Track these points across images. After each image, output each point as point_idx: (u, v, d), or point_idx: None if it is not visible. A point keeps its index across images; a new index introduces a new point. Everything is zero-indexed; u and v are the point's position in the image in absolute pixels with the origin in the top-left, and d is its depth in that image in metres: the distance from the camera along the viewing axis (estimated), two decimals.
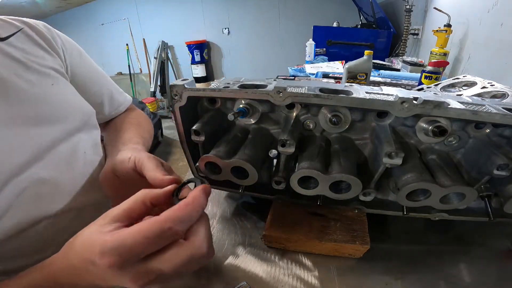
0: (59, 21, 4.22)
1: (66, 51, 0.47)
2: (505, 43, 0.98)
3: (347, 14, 3.26)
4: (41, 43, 0.43)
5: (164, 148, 3.16)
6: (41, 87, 0.39)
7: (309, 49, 1.98)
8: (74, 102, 0.45)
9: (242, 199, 0.56)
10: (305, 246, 0.42)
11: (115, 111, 0.57)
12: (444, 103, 0.33)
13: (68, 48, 0.48)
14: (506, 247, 0.44)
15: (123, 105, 0.59)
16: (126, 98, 0.61)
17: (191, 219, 0.25)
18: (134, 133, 0.50)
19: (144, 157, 0.35)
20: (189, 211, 0.24)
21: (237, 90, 0.40)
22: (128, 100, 0.61)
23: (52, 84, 0.41)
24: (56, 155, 0.40)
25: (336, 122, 0.40)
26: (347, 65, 1.07)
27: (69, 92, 0.45)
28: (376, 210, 0.45)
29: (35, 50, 0.41)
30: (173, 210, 0.24)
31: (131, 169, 0.35)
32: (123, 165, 0.36)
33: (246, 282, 0.37)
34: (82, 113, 0.46)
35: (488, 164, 0.34)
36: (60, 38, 0.47)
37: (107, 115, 0.56)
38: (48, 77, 0.41)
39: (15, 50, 0.39)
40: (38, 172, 0.37)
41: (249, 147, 0.41)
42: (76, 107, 0.45)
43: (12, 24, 0.41)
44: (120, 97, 0.59)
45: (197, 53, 4.04)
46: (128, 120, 0.56)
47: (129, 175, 0.36)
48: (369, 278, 0.39)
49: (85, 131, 0.46)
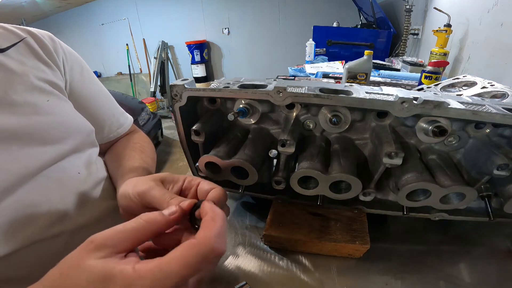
0: (59, 21, 4.23)
1: (67, 64, 0.44)
2: (505, 43, 0.98)
3: (347, 14, 3.26)
4: (41, 55, 0.40)
5: (164, 148, 3.16)
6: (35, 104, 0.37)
7: (309, 49, 1.98)
8: (70, 122, 0.42)
9: (242, 199, 0.56)
10: (305, 246, 0.42)
11: (114, 134, 0.54)
12: (444, 103, 0.33)
13: (70, 61, 0.45)
14: (506, 247, 0.44)
15: (123, 127, 0.55)
16: (127, 119, 0.57)
17: (225, 229, 0.24)
18: (135, 159, 0.47)
19: (144, 191, 0.31)
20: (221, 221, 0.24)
21: (237, 90, 0.40)
22: (129, 122, 0.57)
23: (47, 101, 0.38)
24: (46, 177, 0.37)
25: (336, 122, 0.40)
26: (347, 65, 1.07)
27: (65, 111, 0.42)
28: (376, 210, 0.45)
29: (34, 63, 0.39)
30: (206, 228, 0.23)
31: (141, 207, 0.32)
32: (129, 206, 0.33)
33: (246, 282, 0.37)
34: (79, 134, 0.43)
35: (488, 164, 0.34)
36: (63, 50, 0.44)
37: (105, 137, 0.52)
38: (44, 92, 0.38)
39: (12, 61, 0.37)
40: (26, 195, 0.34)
41: (249, 147, 0.41)
42: (71, 128, 0.41)
43: (15, 33, 0.39)
44: (121, 118, 0.55)
45: (197, 53, 4.05)
46: (130, 145, 0.53)
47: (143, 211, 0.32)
48: (369, 278, 0.39)
49: (80, 152, 0.43)
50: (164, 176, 0.34)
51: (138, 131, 0.60)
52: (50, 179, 0.37)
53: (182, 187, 0.34)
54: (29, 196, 0.35)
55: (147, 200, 0.31)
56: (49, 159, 0.37)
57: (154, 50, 4.14)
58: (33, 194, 0.35)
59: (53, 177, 0.38)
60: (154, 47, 4.18)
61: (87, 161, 0.44)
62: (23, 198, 0.34)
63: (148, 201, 0.31)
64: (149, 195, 0.31)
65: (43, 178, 0.36)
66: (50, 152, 0.37)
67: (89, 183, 0.43)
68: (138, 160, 0.47)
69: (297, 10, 3.65)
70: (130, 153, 0.49)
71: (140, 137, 0.58)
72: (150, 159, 0.51)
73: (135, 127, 0.60)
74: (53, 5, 3.75)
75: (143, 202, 0.31)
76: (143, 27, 4.20)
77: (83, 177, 0.42)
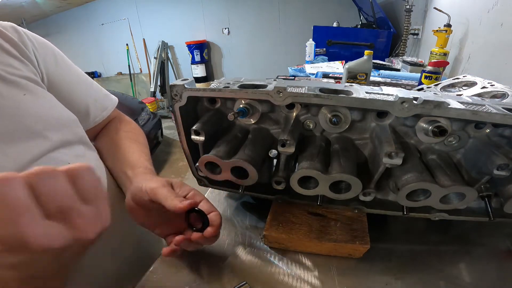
0: (59, 21, 4.23)
1: (39, 56, 0.42)
2: (505, 43, 0.98)
3: (347, 14, 3.26)
4: (9, 49, 0.38)
5: (164, 148, 3.16)
6: (11, 99, 0.36)
7: (309, 49, 1.98)
8: (51, 114, 0.41)
9: (242, 199, 0.56)
10: (305, 246, 0.42)
11: (99, 117, 0.53)
12: (444, 103, 0.33)
13: (42, 53, 0.43)
14: (506, 247, 0.44)
15: (108, 109, 0.54)
16: (111, 101, 0.56)
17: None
18: (138, 153, 0.49)
19: (156, 187, 0.37)
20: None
21: (237, 90, 0.40)
22: (113, 103, 0.56)
23: (24, 95, 0.37)
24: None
25: (336, 122, 0.40)
26: (347, 65, 1.07)
27: (45, 103, 0.41)
28: (376, 210, 0.45)
29: (3, 58, 0.37)
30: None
31: (148, 199, 0.37)
32: (141, 197, 0.38)
33: (246, 282, 0.37)
34: (62, 125, 0.42)
35: (488, 164, 0.34)
36: (32, 42, 0.42)
37: (91, 121, 0.52)
38: (18, 87, 0.37)
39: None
40: None
41: (249, 147, 0.41)
42: (54, 119, 0.41)
43: None
44: (105, 100, 0.54)
45: (197, 53, 4.04)
46: (125, 135, 0.53)
47: (148, 204, 0.37)
48: (369, 278, 0.39)
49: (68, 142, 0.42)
50: (175, 182, 0.40)
51: (125, 118, 0.60)
52: None
53: (186, 196, 0.38)
54: None
55: (155, 195, 0.36)
56: (38, 152, 0.37)
57: (154, 50, 4.14)
58: None
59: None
60: (154, 47, 4.18)
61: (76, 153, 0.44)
62: None
63: (156, 196, 0.36)
64: (158, 191, 0.36)
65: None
66: (38, 146, 0.37)
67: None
68: (138, 152, 0.50)
69: (297, 10, 3.65)
70: (129, 144, 0.51)
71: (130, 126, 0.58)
72: (145, 147, 0.54)
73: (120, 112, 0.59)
74: (53, 5, 3.75)
75: (151, 196, 0.36)
76: (143, 27, 4.20)
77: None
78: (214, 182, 0.49)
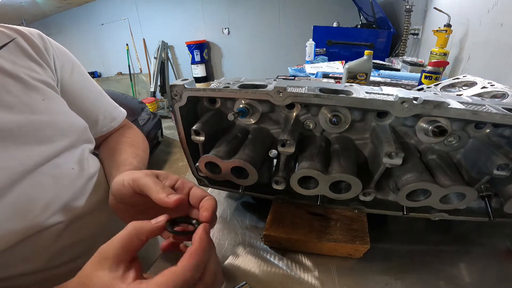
0: (59, 21, 4.23)
1: (57, 63, 0.45)
2: (505, 43, 0.98)
3: (347, 14, 3.26)
4: (32, 54, 0.41)
5: (164, 148, 3.16)
6: (29, 104, 0.37)
7: (309, 49, 1.98)
8: (64, 121, 0.43)
9: (242, 199, 0.56)
10: (305, 246, 0.42)
11: (107, 127, 0.55)
12: (444, 103, 0.33)
13: (60, 59, 0.46)
14: (506, 247, 0.44)
15: (116, 120, 0.57)
16: (120, 113, 0.58)
17: (204, 262, 0.26)
18: (128, 153, 0.49)
19: (138, 177, 0.33)
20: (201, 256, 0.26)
21: (237, 90, 0.40)
22: (122, 116, 0.59)
23: (42, 100, 0.39)
24: (43, 173, 0.38)
25: (336, 122, 0.40)
26: (347, 65, 1.07)
27: (60, 109, 0.43)
28: (376, 210, 0.45)
29: (26, 62, 0.40)
30: (187, 259, 0.25)
31: (132, 193, 0.34)
32: (120, 191, 0.35)
33: (246, 282, 0.37)
34: (73, 132, 0.44)
35: (488, 164, 0.34)
36: (53, 48, 0.45)
37: (98, 131, 0.54)
38: (38, 92, 0.39)
39: (5, 61, 0.37)
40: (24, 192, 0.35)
41: (249, 147, 0.41)
42: (66, 126, 0.43)
43: (5, 33, 0.39)
44: (114, 112, 0.57)
45: (197, 53, 4.04)
46: (124, 140, 0.54)
47: (132, 198, 0.35)
48: (369, 278, 0.39)
49: (74, 148, 0.44)
50: (159, 172, 0.36)
51: (132, 126, 0.62)
52: (46, 175, 0.38)
53: (174, 187, 0.35)
54: (27, 192, 0.36)
55: (139, 186, 0.33)
56: (44, 157, 0.38)
57: (154, 50, 4.14)
58: (30, 190, 0.36)
59: (49, 173, 0.39)
60: (154, 47, 4.18)
61: (79, 157, 0.45)
62: (21, 194, 0.35)
63: (140, 187, 0.33)
64: (142, 181, 0.33)
65: (40, 174, 0.38)
66: (46, 150, 0.39)
67: (82, 178, 0.44)
68: (130, 154, 0.49)
69: (297, 10, 3.65)
70: (123, 147, 0.51)
71: (132, 132, 0.59)
72: (141, 151, 0.53)
73: (129, 122, 0.61)
74: (53, 5, 3.75)
75: (135, 188, 0.33)
76: (143, 27, 4.20)
77: (76, 173, 0.44)
78: (214, 182, 0.49)
